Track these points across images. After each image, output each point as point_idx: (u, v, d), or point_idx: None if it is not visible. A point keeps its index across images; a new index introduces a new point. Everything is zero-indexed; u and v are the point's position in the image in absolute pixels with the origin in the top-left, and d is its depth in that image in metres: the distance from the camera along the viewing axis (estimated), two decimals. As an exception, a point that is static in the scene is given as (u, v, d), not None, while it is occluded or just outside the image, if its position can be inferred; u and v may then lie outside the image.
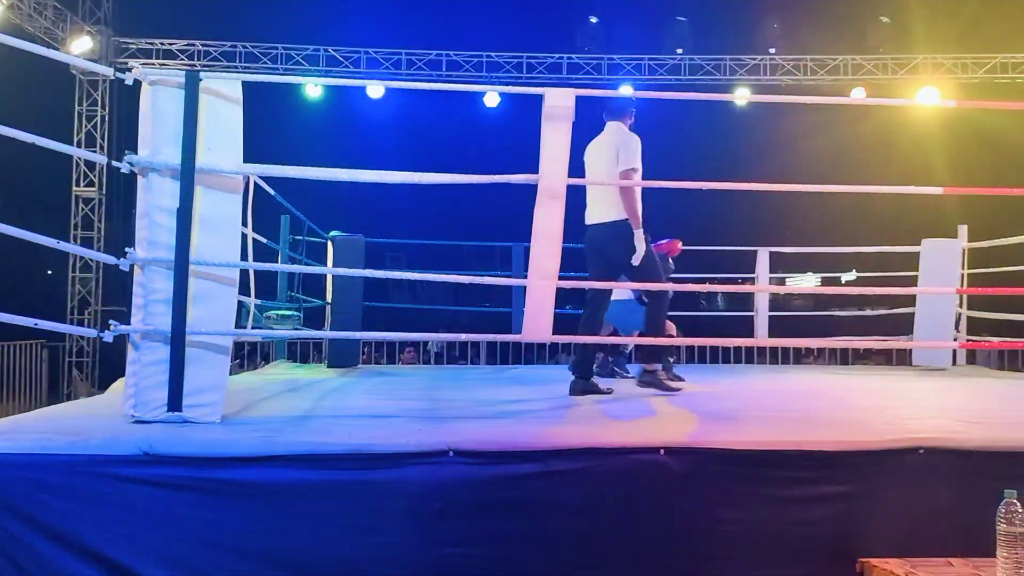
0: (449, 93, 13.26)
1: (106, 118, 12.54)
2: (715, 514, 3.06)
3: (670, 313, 6.89)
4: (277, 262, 7.85)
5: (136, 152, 3.52)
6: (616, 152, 5.01)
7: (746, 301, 9.53)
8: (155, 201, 3.49)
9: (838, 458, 3.11)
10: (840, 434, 3.34)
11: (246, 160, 3.67)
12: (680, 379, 5.84)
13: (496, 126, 12.69)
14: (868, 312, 9.48)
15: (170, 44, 12.42)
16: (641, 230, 5.00)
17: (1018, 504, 2.60)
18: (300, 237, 8.51)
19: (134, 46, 12.49)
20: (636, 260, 4.99)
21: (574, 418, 4.11)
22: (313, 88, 12.09)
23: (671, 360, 6.55)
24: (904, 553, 3.00)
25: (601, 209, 5.06)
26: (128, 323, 3.48)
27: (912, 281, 8.26)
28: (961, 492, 3.10)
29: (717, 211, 11.86)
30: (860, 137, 12.24)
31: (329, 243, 8.21)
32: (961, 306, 8.43)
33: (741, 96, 7.14)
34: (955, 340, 8.12)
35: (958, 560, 2.94)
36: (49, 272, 14.73)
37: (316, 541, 2.93)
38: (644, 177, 5.12)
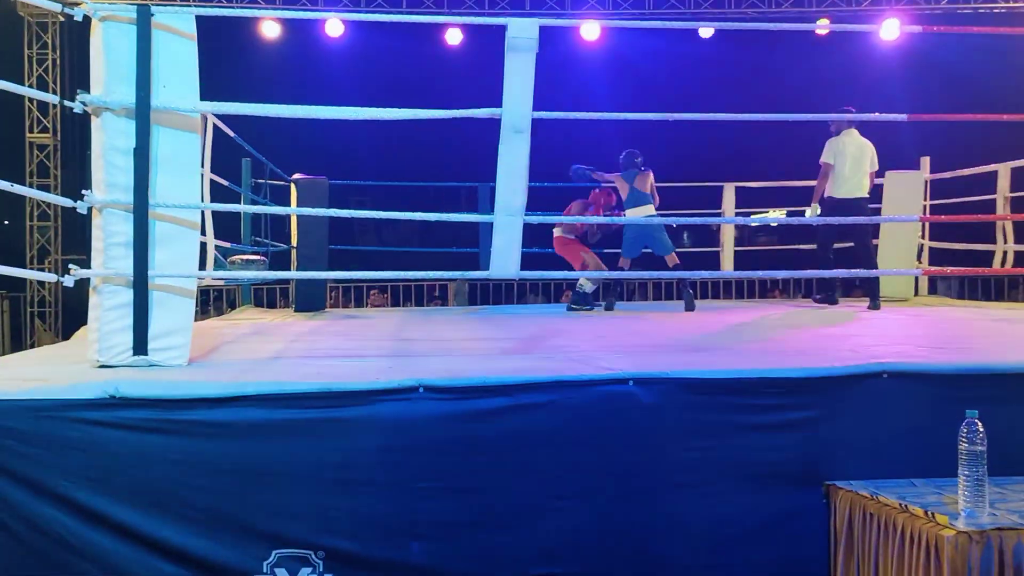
0: (410, 30, 12.95)
1: (57, 61, 12.15)
2: (683, 442, 3.10)
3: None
4: (239, 201, 7.74)
5: (89, 91, 3.42)
6: None
7: (712, 237, 9.57)
8: (110, 142, 3.40)
9: (803, 384, 3.15)
10: (805, 361, 3.38)
11: (203, 100, 3.59)
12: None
13: (460, 65, 12.49)
14: (833, 245, 9.56)
15: (121, -17, 12.02)
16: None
17: (979, 424, 2.66)
18: (262, 180, 8.39)
19: (83, -14, 12.07)
20: None
21: (543, 353, 4.13)
22: (270, 27, 11.78)
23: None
24: (869, 476, 3.07)
25: None
26: (89, 268, 3.42)
27: (875, 213, 8.33)
28: (924, 415, 3.17)
29: (682, 148, 11.82)
30: (823, 71, 12.21)
31: (292, 186, 8.10)
32: (924, 236, 8.55)
33: (707, 26, 6.94)
34: (918, 270, 8.24)
35: (921, 480, 3.02)
36: (6, 222, 14.42)
37: (288, 480, 2.93)
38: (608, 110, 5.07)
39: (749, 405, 3.11)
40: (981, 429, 2.66)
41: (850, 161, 6.97)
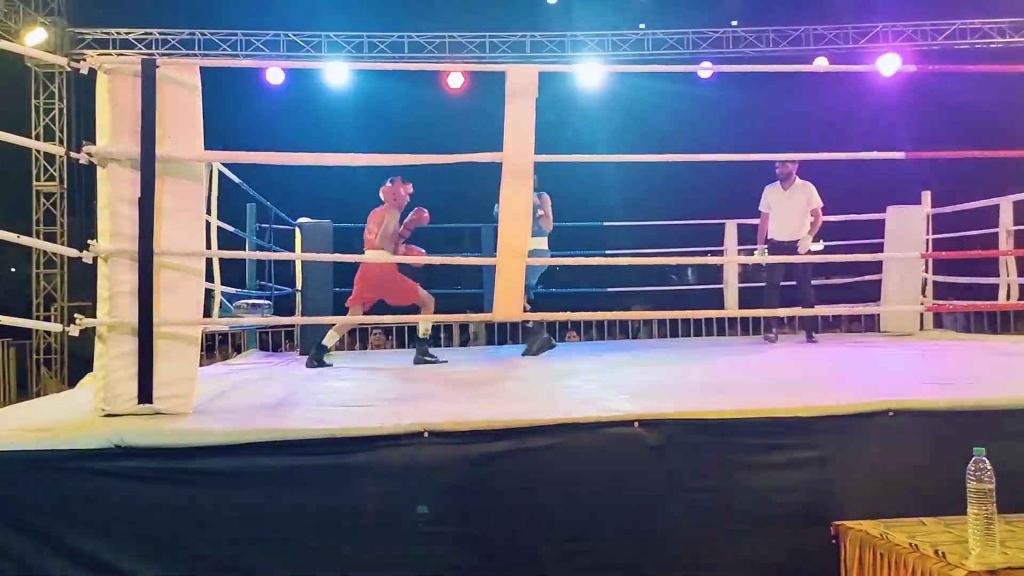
0: (413, 76, 13.14)
1: (64, 111, 12.32)
2: (690, 484, 3.09)
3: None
4: (244, 250, 7.79)
5: (95, 143, 3.46)
6: None
7: (716, 274, 9.59)
8: (116, 192, 3.43)
9: (809, 423, 3.14)
10: (810, 399, 3.37)
11: (208, 149, 3.62)
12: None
13: (461, 110, 12.63)
14: (835, 281, 9.58)
15: (127, 33, 12.21)
16: None
17: (987, 462, 2.64)
18: (267, 225, 8.44)
19: (90, 36, 12.26)
20: None
21: (548, 395, 4.12)
22: (275, 75, 11.93)
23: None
24: (878, 515, 3.04)
25: None
26: (95, 317, 3.43)
27: (878, 249, 8.35)
28: (931, 452, 3.15)
29: (684, 186, 11.90)
30: (823, 108, 12.33)
31: (297, 230, 8.15)
32: (927, 271, 8.54)
33: (705, 67, 7.06)
34: (922, 306, 8.23)
35: (930, 519, 2.99)
36: (12, 270, 14.51)
37: (293, 527, 2.92)
38: (609, 152, 5.13)
39: (756, 445, 3.10)
40: (989, 467, 2.64)
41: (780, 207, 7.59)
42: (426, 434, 3.01)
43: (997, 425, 3.17)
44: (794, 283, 7.49)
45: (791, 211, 7.50)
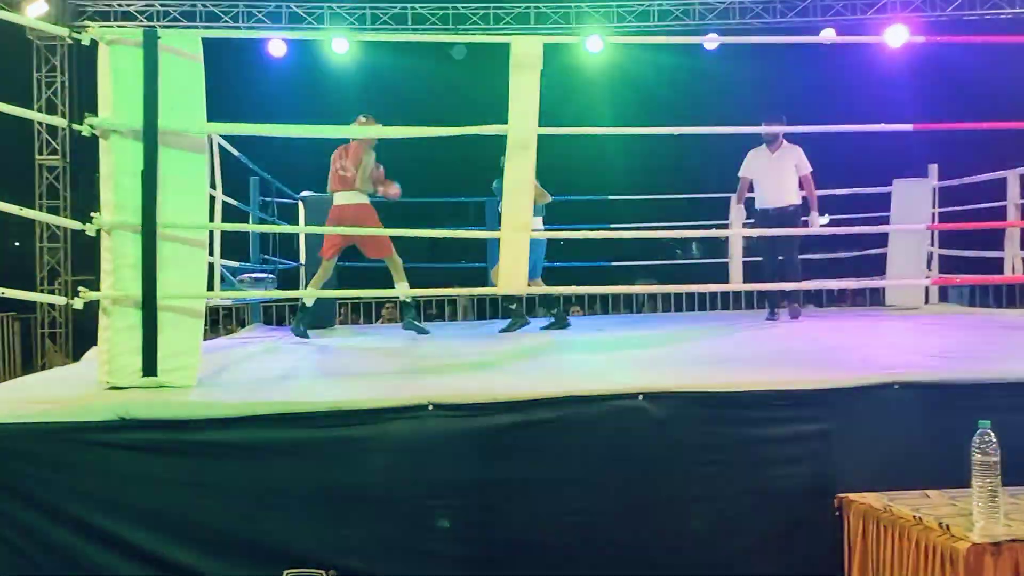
0: (415, 48, 13.02)
1: (66, 84, 12.24)
2: (695, 456, 3.09)
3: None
4: (248, 224, 7.78)
5: (97, 114, 3.44)
6: None
7: (721, 248, 9.55)
8: (119, 163, 3.42)
9: (814, 396, 3.14)
10: (815, 372, 3.37)
11: (210, 121, 3.60)
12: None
13: (465, 80, 12.54)
14: (841, 254, 9.54)
15: (128, 5, 12.10)
16: None
17: (992, 434, 2.64)
18: (270, 199, 8.42)
19: (91, 8, 12.15)
20: None
21: (552, 368, 4.12)
22: (276, 47, 11.84)
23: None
24: (882, 487, 3.04)
25: None
26: (98, 290, 3.43)
27: (884, 222, 8.31)
28: (936, 425, 3.15)
29: (690, 159, 11.83)
30: (830, 80, 12.21)
31: (300, 204, 8.13)
32: (933, 245, 8.51)
33: (711, 39, 6.99)
34: (927, 279, 8.21)
35: (934, 492, 2.99)
36: (16, 244, 14.49)
37: (298, 499, 2.93)
38: (614, 125, 5.11)
39: (760, 418, 3.10)
40: (994, 439, 2.64)
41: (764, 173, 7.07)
42: (430, 407, 3.02)
43: (1002, 398, 3.16)
44: (780, 257, 7.00)
45: (779, 176, 6.91)
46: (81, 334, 11.19)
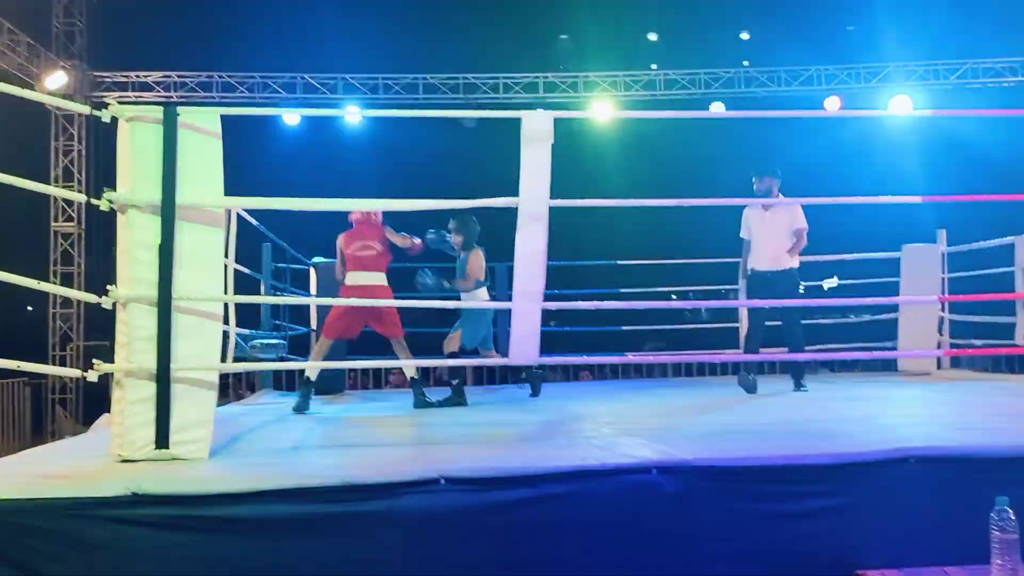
0: (427, 117, 13.27)
1: (83, 152, 12.48)
2: (709, 532, 3.05)
3: None
4: (260, 291, 7.83)
5: (115, 189, 3.50)
6: None
7: (730, 312, 9.55)
8: (136, 237, 3.47)
9: (830, 471, 3.11)
10: (831, 446, 3.35)
11: (226, 190, 3.65)
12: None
13: (475, 145, 12.74)
14: (852, 319, 9.53)
15: (145, 76, 12.39)
16: None
17: (1010, 511, 2.61)
18: (282, 264, 8.48)
19: (109, 79, 12.45)
20: None
21: (564, 439, 4.10)
22: (291, 116, 12.08)
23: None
24: (900, 564, 3.00)
25: None
26: (111, 360, 3.45)
27: (893, 287, 8.32)
28: (953, 500, 3.11)
29: (698, 223, 11.92)
30: (837, 144, 12.36)
31: (312, 269, 8.18)
32: (944, 310, 8.49)
33: (717, 114, 7.19)
34: (939, 345, 8.17)
35: (953, 569, 2.95)
36: (29, 308, 14.60)
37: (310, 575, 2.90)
38: (627, 192, 5.16)
39: (775, 493, 3.07)
40: (1012, 516, 2.61)
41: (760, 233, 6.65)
42: (443, 481, 3.00)
43: (1021, 472, 3.12)
44: (779, 323, 6.62)
45: (774, 235, 6.53)
46: (91, 399, 11.21)
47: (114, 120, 3.53)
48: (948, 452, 3.22)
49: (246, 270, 6.93)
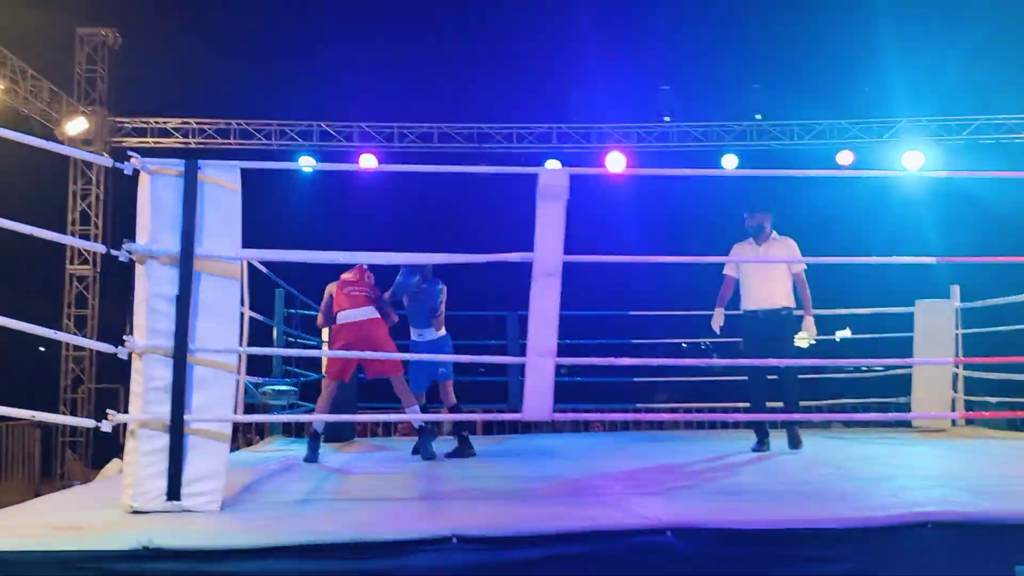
0: (441, 158, 13.41)
1: (100, 196, 12.62)
2: (724, 596, 3.01)
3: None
4: (272, 337, 7.85)
5: (133, 235, 3.54)
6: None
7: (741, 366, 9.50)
8: (154, 288, 3.49)
9: (847, 535, 3.07)
10: (847, 509, 3.31)
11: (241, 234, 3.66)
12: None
13: (489, 191, 12.86)
14: (865, 373, 9.47)
15: (164, 122, 12.57)
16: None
17: (1030, 581, 2.57)
18: (293, 311, 8.51)
19: (129, 125, 12.63)
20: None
21: (577, 497, 4.06)
22: (307, 161, 12.23)
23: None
24: (917, 632, 2.95)
25: None
26: (122, 405, 3.46)
27: (907, 341, 8.27)
28: (972, 568, 3.06)
29: (712, 275, 11.93)
30: (851, 197, 12.39)
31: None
32: (958, 366, 8.43)
33: (729, 171, 7.22)
34: (953, 403, 8.11)
35: (972, 638, 2.90)
36: (42, 348, 14.66)
37: (319, 634, 2.87)
38: (639, 240, 5.18)
39: (792, 557, 3.03)
40: (1033, 587, 2.57)
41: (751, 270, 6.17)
42: (455, 540, 2.97)
43: (1039, 540, 3.08)
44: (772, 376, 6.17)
45: (768, 272, 6.03)
46: (101, 443, 11.19)
47: (136, 171, 3.58)
48: (967, 518, 3.17)
49: (260, 317, 6.95)
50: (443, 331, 6.40)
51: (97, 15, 12.84)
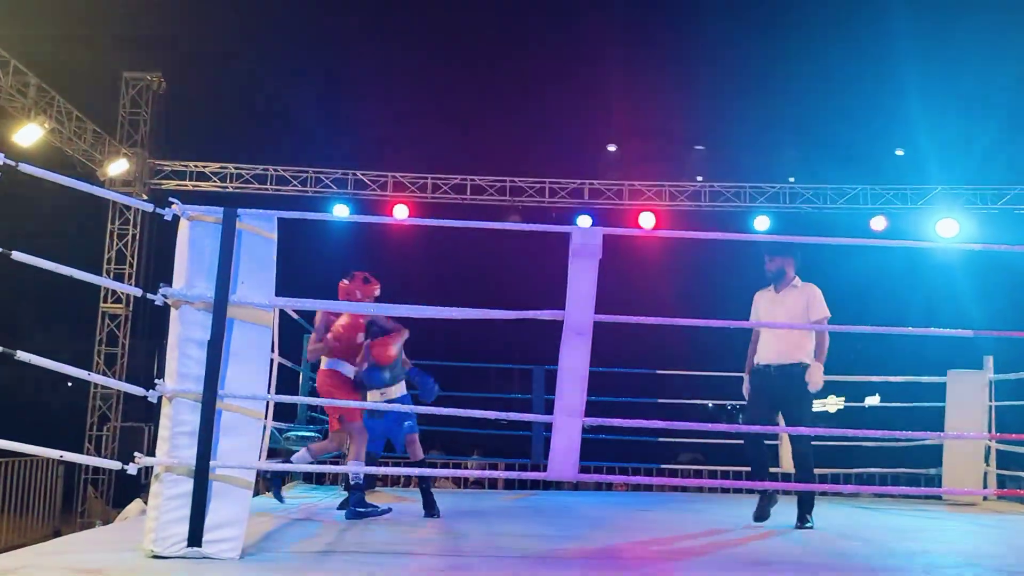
0: (473, 210, 13.51)
1: (137, 236, 12.82)
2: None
3: None
4: (298, 383, 7.88)
5: (167, 280, 3.58)
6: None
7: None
8: (187, 333, 3.52)
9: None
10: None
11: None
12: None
13: (520, 244, 12.95)
14: (895, 443, 9.30)
15: (203, 167, 12.79)
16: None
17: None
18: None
19: (168, 168, 12.87)
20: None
21: (602, 561, 4.00)
22: (340, 209, 12.37)
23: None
24: None
25: None
26: (147, 444, 3.48)
27: (939, 411, 8.14)
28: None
29: (739, 335, 11.86)
30: (885, 263, 12.31)
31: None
32: (990, 439, 8.26)
33: (762, 237, 7.19)
34: (985, 477, 7.94)
35: None
36: (69, 384, 14.80)
37: None
38: (669, 298, 5.14)
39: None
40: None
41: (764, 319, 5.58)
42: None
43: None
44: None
45: (784, 320, 5.43)
46: (122, 482, 11.21)
47: (175, 215, 3.64)
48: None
49: (287, 363, 6.99)
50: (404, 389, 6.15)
51: (143, 60, 13.19)
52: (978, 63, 12.48)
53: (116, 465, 3.64)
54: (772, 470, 5.80)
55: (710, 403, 11.45)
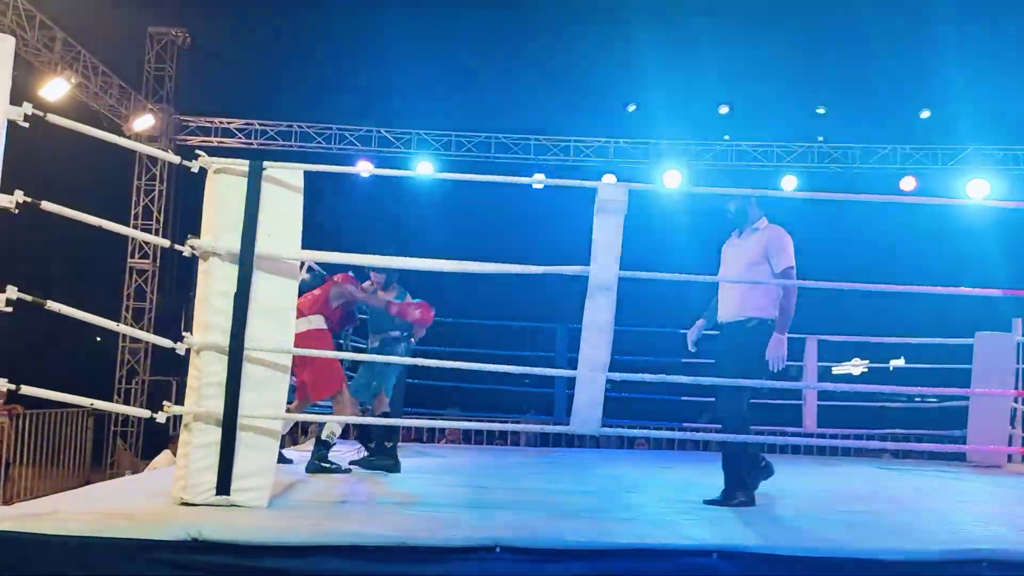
0: (497, 170, 13.47)
1: (164, 192, 12.88)
2: (769, 623, 2.96)
3: None
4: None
5: (198, 235, 3.60)
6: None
7: (794, 390, 9.34)
8: (214, 285, 3.55)
9: (899, 568, 3.00)
10: (900, 542, 3.24)
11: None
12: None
13: (544, 202, 12.89)
14: (919, 404, 9.26)
15: (229, 123, 12.79)
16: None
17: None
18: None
19: (194, 124, 12.88)
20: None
21: (620, 512, 4.04)
22: (364, 166, 12.37)
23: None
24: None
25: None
26: (175, 397, 3.52)
27: (965, 373, 8.08)
28: (1028, 610, 2.98)
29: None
30: (913, 224, 12.14)
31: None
32: (1017, 402, 8.21)
33: (787, 193, 7.08)
34: (1011, 438, 7.90)
35: None
36: (98, 339, 14.97)
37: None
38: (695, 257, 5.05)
39: (841, 587, 2.97)
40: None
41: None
42: (498, 549, 2.97)
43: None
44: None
45: (739, 271, 4.55)
46: (151, 434, 11.39)
47: (202, 169, 3.65)
48: (1022, 556, 3.09)
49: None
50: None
51: (169, 15, 13.14)
52: (1017, 20, 12.18)
53: (146, 413, 3.70)
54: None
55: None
